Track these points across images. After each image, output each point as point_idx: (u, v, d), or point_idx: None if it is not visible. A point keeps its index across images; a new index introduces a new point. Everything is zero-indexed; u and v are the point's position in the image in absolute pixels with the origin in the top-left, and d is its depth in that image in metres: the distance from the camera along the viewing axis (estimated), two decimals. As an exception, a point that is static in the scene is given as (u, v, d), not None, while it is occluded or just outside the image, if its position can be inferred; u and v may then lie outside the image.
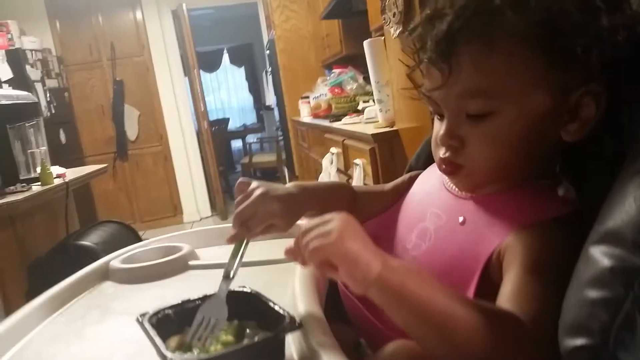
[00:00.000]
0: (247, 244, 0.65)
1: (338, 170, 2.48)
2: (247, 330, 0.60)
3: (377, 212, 0.77)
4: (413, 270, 0.50)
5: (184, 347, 0.57)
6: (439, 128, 0.61)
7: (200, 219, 5.20)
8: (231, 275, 0.61)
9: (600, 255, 0.43)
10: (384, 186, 0.81)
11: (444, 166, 0.62)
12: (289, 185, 0.69)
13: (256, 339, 0.57)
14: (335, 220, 0.50)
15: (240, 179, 0.67)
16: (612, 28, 0.51)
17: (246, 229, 0.63)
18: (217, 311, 0.58)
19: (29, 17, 4.47)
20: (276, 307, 0.58)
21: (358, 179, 2.05)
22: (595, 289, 0.42)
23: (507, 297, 0.50)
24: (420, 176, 0.77)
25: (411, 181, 0.78)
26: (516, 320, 0.47)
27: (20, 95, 2.28)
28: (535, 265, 0.51)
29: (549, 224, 0.54)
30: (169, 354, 0.50)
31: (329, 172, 2.54)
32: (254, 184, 0.66)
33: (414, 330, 0.49)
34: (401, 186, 0.78)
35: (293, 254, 0.54)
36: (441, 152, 0.61)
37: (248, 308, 0.62)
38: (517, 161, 0.58)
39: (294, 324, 0.54)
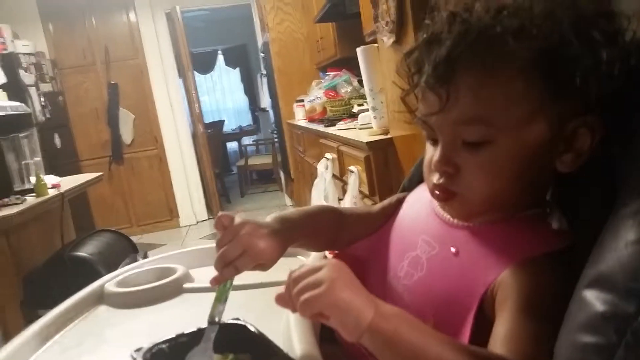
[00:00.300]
0: (231, 283, 0.63)
1: (333, 176, 2.48)
2: None
3: (365, 234, 0.76)
4: (405, 316, 0.50)
5: None
6: (432, 153, 0.61)
7: (197, 222, 5.20)
8: (217, 320, 0.60)
9: (592, 300, 0.43)
10: (372, 208, 0.80)
11: (437, 192, 0.61)
12: (271, 219, 0.67)
13: None
14: (325, 269, 0.50)
15: (220, 213, 0.63)
16: (609, 60, 0.51)
17: (234, 270, 0.61)
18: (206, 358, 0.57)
19: (21, 20, 4.44)
20: (272, 343, 0.58)
21: (353, 186, 2.05)
22: (588, 334, 0.42)
23: (501, 338, 0.50)
24: (407, 198, 0.77)
25: (399, 203, 0.77)
26: None
27: (13, 105, 2.28)
28: (529, 304, 0.50)
29: (543, 259, 0.54)
30: None
31: (324, 178, 2.53)
32: (237, 219, 0.63)
33: None
34: (389, 208, 0.78)
35: (284, 302, 0.53)
36: (434, 178, 0.61)
37: (242, 340, 0.62)
38: (513, 190, 0.58)
39: None
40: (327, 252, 0.86)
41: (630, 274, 0.41)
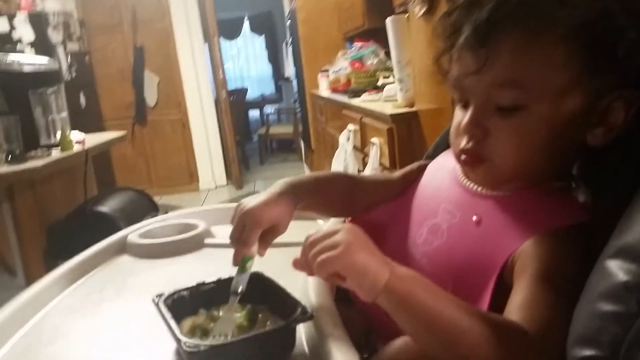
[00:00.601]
0: (251, 258, 0.64)
1: (354, 147, 2.47)
2: (259, 315, 0.61)
3: (384, 199, 0.76)
4: (420, 279, 0.50)
5: (198, 329, 0.59)
6: (461, 117, 0.60)
7: (216, 187, 5.26)
8: (239, 291, 0.61)
9: (616, 269, 0.42)
10: (392, 174, 0.80)
11: (463, 157, 0.60)
12: (279, 183, 0.69)
13: (268, 325, 0.59)
14: (341, 232, 0.50)
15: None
16: None
17: (243, 244, 0.63)
18: (228, 327, 0.58)
19: (51, -21, 4.45)
20: (290, 295, 0.59)
21: (374, 158, 2.04)
22: (609, 303, 0.42)
23: (517, 305, 0.50)
24: (429, 166, 0.76)
25: (420, 170, 0.76)
26: (523, 333, 0.47)
27: (42, 61, 2.30)
28: (548, 274, 0.50)
29: (566, 232, 0.54)
30: (183, 338, 0.52)
31: (345, 149, 2.53)
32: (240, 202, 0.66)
33: (420, 339, 0.50)
34: (410, 175, 0.77)
35: (300, 265, 0.54)
36: (463, 142, 0.60)
37: (260, 292, 0.63)
38: (540, 161, 0.57)
39: (305, 315, 0.55)
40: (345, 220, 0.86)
41: (657, 245, 0.40)
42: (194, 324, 0.59)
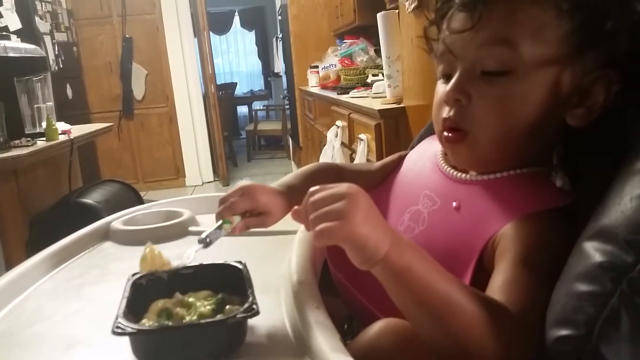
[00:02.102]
0: (230, 224, 0.64)
1: (342, 144, 2.48)
2: (227, 307, 0.59)
3: (365, 189, 0.76)
4: (421, 253, 0.49)
5: (164, 312, 0.58)
6: (443, 90, 0.60)
7: (202, 184, 5.23)
8: (206, 241, 0.62)
9: (592, 251, 0.43)
10: (372, 164, 0.80)
11: (445, 133, 0.60)
12: (275, 185, 0.72)
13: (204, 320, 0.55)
14: (345, 201, 0.47)
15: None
16: None
17: (227, 208, 0.64)
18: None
19: (39, -32, 4.39)
20: (248, 290, 0.57)
21: (361, 154, 2.05)
22: (585, 283, 0.43)
23: (498, 287, 0.50)
24: (410, 154, 0.76)
25: (400, 160, 0.77)
26: (510, 314, 0.47)
27: (28, 48, 2.27)
28: (528, 257, 0.51)
29: (545, 215, 0.54)
30: (119, 319, 0.52)
31: (333, 145, 2.53)
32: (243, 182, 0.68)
33: (411, 314, 0.49)
34: (390, 165, 0.78)
35: (300, 218, 0.52)
36: (444, 112, 0.60)
37: (233, 283, 0.62)
38: (520, 138, 0.57)
39: (249, 312, 0.52)
40: None
41: (632, 226, 0.41)
42: (163, 306, 0.59)
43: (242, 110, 8.26)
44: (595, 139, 0.57)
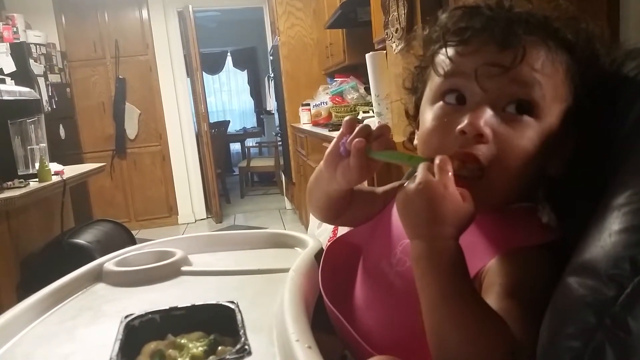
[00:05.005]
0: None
1: (334, 179, 2.49)
2: (219, 348, 0.60)
3: (364, 217, 0.76)
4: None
5: (157, 354, 0.58)
6: (449, 113, 0.57)
7: (195, 221, 5.21)
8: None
9: (575, 285, 0.44)
10: (376, 189, 0.80)
11: (464, 172, 0.54)
12: None
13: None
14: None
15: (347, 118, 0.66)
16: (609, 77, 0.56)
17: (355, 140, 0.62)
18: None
19: (35, 11, 4.49)
20: (241, 331, 0.58)
21: (354, 190, 2.06)
22: (569, 319, 0.43)
23: None
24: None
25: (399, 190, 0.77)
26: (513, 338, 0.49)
27: (22, 91, 2.30)
28: (514, 290, 0.52)
29: (532, 251, 0.55)
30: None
31: (325, 181, 2.55)
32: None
33: (436, 306, 0.51)
34: (390, 192, 0.78)
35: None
36: (453, 141, 0.56)
37: (227, 323, 0.63)
38: (524, 178, 0.57)
39: (241, 352, 0.54)
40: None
41: (612, 261, 0.42)
42: (156, 348, 0.59)
43: (235, 147, 8.32)
44: (576, 178, 0.59)
